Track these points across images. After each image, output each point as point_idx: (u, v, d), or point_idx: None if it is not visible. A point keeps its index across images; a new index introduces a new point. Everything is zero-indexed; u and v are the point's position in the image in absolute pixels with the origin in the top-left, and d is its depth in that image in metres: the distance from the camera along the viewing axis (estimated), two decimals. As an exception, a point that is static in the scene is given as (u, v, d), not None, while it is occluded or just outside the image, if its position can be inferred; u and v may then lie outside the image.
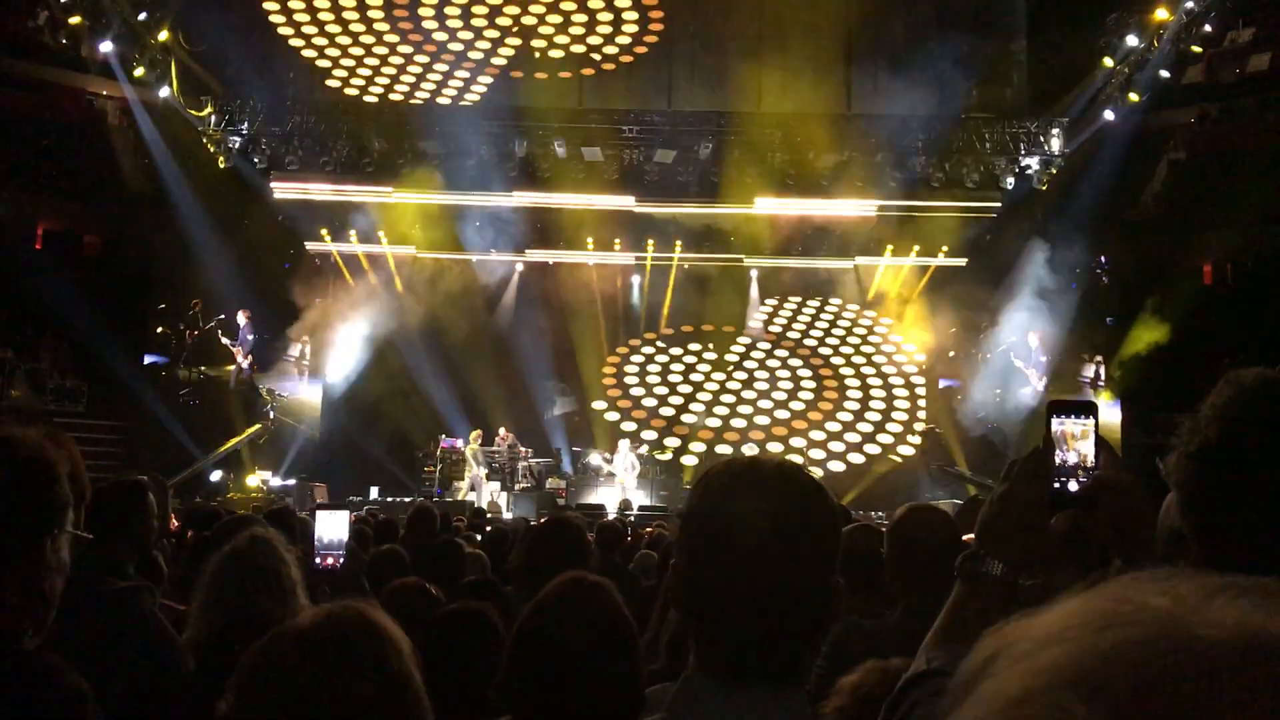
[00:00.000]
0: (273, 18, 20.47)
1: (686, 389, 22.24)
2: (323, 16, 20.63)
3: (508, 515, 15.18)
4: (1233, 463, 1.36)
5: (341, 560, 2.81)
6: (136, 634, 2.42)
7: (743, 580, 1.43)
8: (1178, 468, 1.43)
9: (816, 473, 18.73)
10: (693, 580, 1.49)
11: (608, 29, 20.80)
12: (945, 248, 21.03)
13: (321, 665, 1.45)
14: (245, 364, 19.04)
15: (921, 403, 21.94)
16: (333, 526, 2.85)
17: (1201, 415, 1.41)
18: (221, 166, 19.60)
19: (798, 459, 20.21)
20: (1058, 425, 1.65)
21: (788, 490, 1.49)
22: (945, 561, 2.95)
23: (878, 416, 21.76)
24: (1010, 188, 20.05)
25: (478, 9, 20.57)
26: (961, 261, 21.19)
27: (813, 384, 22.33)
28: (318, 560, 2.76)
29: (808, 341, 23.09)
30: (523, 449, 19.08)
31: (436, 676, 2.79)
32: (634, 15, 20.69)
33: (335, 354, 20.92)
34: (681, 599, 1.51)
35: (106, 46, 17.05)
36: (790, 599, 1.44)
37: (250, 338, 19.06)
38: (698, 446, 21.12)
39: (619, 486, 17.83)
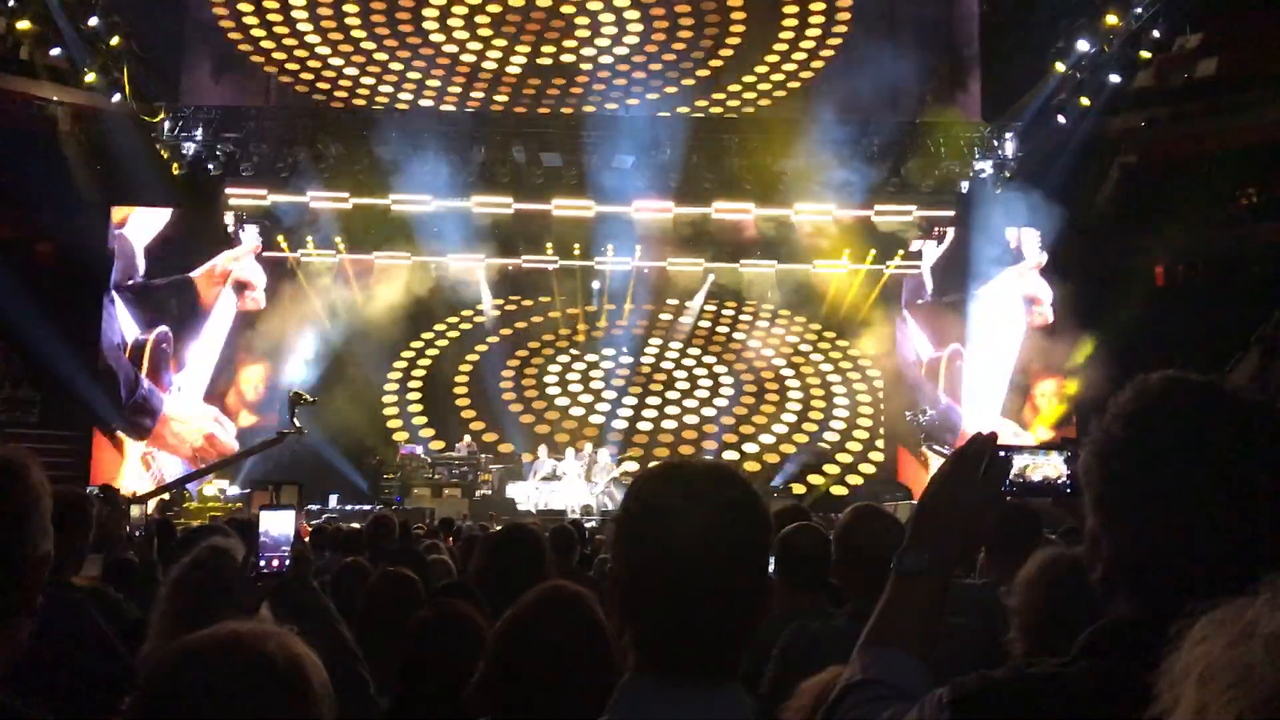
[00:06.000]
0: (223, 23, 20.40)
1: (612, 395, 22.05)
2: (274, 19, 20.60)
3: (469, 522, 15.10)
4: (1136, 460, 1.40)
5: (286, 561, 2.79)
6: (80, 644, 2.40)
7: (675, 581, 1.45)
8: (1085, 466, 1.46)
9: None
10: (628, 583, 1.51)
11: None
12: (901, 252, 21.18)
13: (212, 688, 1.36)
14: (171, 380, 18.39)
15: (883, 419, 21.81)
16: (277, 526, 2.84)
17: (1108, 414, 1.45)
18: (176, 174, 19.41)
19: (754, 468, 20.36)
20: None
21: (718, 491, 1.50)
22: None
23: (835, 436, 21.69)
24: (965, 192, 20.27)
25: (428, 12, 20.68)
26: (917, 265, 21.35)
27: (754, 393, 22.21)
28: (262, 562, 2.74)
29: (756, 346, 22.96)
30: (483, 455, 19.02)
31: (419, 679, 2.82)
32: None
33: (293, 362, 20.73)
34: (618, 602, 1.53)
35: (57, 52, 16.85)
36: (723, 598, 1.46)
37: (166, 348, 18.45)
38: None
39: (570, 490, 17.82)
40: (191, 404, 18.69)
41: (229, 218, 19.24)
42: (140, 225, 18.72)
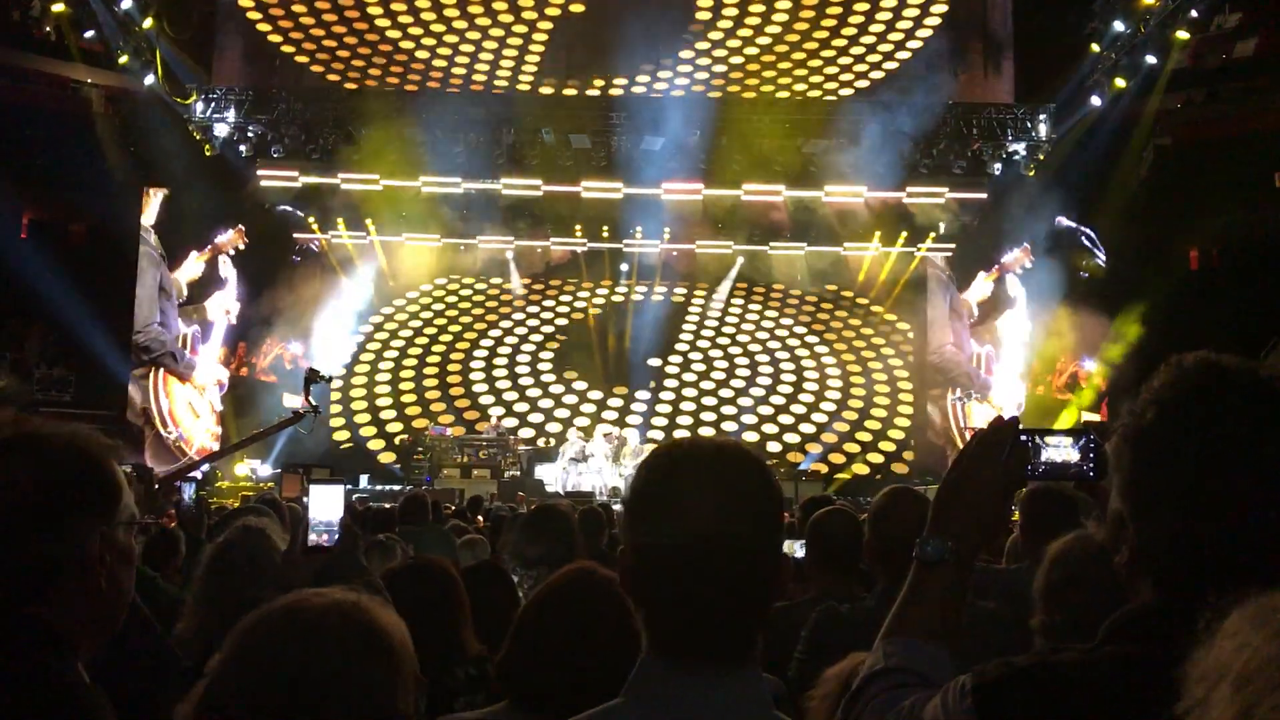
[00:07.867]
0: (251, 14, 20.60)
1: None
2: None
3: (498, 503, 15.17)
4: (1168, 446, 1.38)
5: (336, 538, 2.80)
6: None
7: (685, 562, 1.43)
8: (1116, 451, 1.44)
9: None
10: (638, 564, 1.49)
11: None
12: (932, 235, 21.04)
13: (309, 650, 1.42)
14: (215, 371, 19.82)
15: (907, 399, 21.76)
16: (326, 502, 2.83)
17: (1140, 398, 1.42)
18: (207, 155, 19.54)
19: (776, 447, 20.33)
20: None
21: (727, 470, 1.48)
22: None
23: (855, 416, 21.60)
24: (998, 174, 20.10)
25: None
26: (949, 249, 21.21)
27: (781, 375, 22.15)
28: (311, 537, 2.75)
29: (778, 332, 22.90)
30: (511, 437, 19.08)
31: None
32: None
33: (324, 342, 20.88)
34: (629, 583, 1.52)
35: (91, 34, 16.96)
36: (733, 579, 1.44)
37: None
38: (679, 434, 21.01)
39: (598, 472, 17.84)
40: (209, 365, 20.10)
41: (222, 266, 20.34)
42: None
